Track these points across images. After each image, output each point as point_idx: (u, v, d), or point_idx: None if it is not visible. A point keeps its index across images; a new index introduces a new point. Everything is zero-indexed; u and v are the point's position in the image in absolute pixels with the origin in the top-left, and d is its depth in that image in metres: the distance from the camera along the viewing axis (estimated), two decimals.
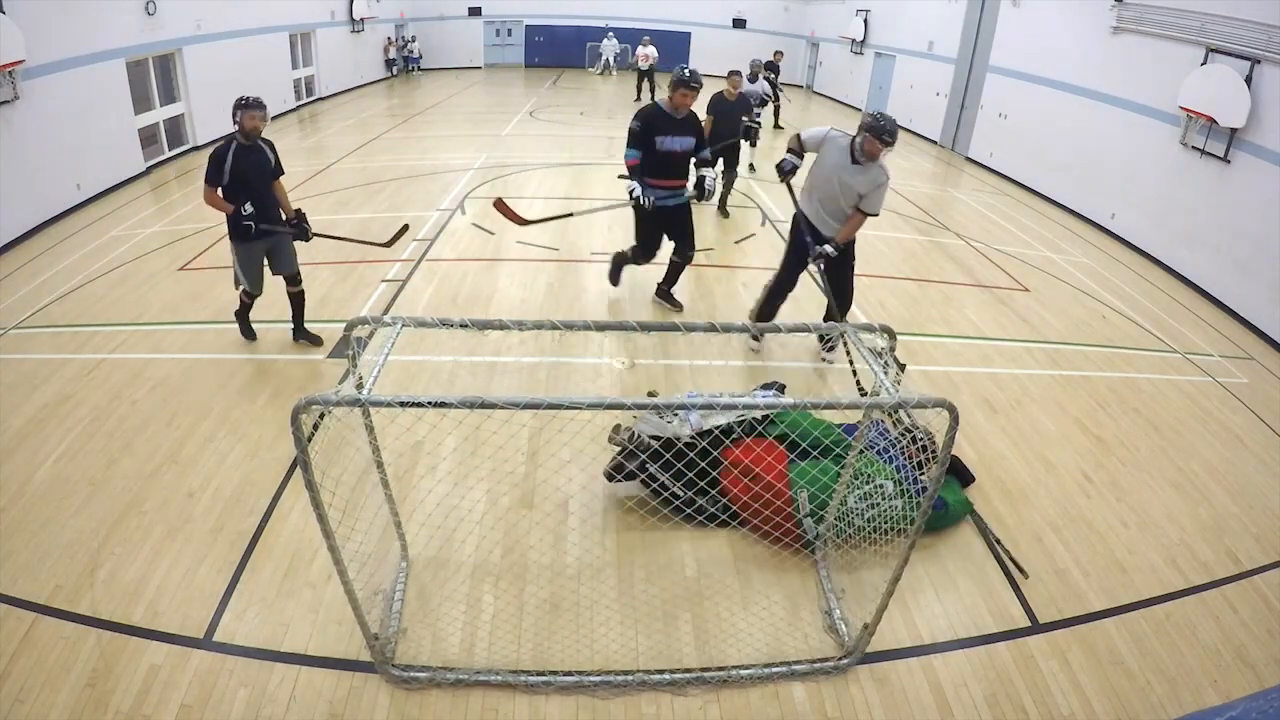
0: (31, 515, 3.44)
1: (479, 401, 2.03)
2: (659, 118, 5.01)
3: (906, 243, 8.18)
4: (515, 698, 2.67)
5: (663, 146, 5.00)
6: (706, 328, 2.54)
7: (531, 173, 10.20)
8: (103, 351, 4.94)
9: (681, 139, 5.03)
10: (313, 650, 2.81)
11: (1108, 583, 3.43)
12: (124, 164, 9.18)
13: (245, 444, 4.02)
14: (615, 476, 3.58)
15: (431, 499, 3.44)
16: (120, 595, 3.01)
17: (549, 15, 23.35)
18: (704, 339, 5.33)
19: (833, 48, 19.78)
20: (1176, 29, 8.18)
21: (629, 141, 5.05)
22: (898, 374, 2.42)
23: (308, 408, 2.04)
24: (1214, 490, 4.23)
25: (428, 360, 4.94)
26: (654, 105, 5.13)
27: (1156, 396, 5.24)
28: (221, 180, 4.48)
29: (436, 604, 3.03)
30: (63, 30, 7.87)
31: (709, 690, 2.75)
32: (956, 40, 13.75)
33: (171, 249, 6.90)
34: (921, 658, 2.96)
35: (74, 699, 2.57)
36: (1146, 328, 6.50)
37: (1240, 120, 7.12)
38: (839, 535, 3.29)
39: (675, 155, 5.07)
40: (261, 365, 4.82)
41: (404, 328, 2.42)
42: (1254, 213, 7.01)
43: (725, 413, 3.77)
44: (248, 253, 4.71)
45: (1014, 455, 4.35)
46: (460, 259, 6.87)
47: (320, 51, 15.80)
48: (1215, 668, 3.01)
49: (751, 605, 3.12)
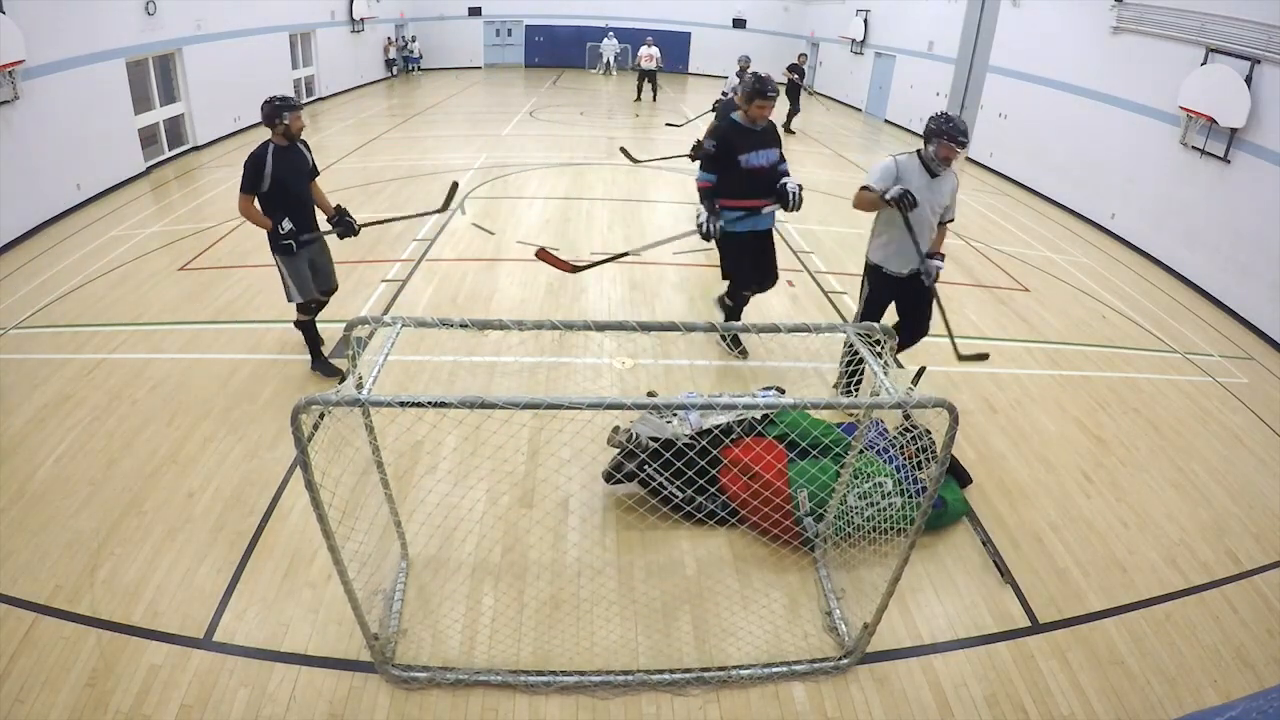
0: (31, 515, 3.44)
1: (479, 401, 2.04)
2: (738, 133, 4.56)
3: None
4: (515, 698, 2.67)
5: (748, 164, 4.53)
6: (706, 328, 2.54)
7: (531, 173, 10.20)
8: (103, 351, 4.94)
9: (766, 152, 4.58)
10: (313, 650, 2.81)
11: (1108, 583, 3.43)
12: (124, 164, 9.18)
13: (245, 444, 4.02)
14: (615, 476, 3.58)
15: (431, 499, 3.44)
16: (120, 595, 3.01)
17: (549, 15, 23.37)
18: (704, 339, 5.34)
19: (833, 48, 19.79)
20: (1176, 29, 8.18)
21: (703, 165, 4.65)
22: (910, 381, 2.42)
23: (308, 408, 2.04)
24: (1214, 490, 4.22)
25: (428, 360, 4.94)
26: (729, 121, 4.65)
27: (1156, 396, 5.24)
28: (261, 187, 4.19)
29: (436, 604, 3.03)
30: (63, 30, 7.87)
31: (709, 690, 2.75)
32: (956, 40, 13.76)
33: (171, 249, 6.90)
34: (921, 658, 2.96)
35: (74, 699, 2.57)
36: (1146, 328, 6.50)
37: (1240, 120, 7.12)
38: (839, 534, 3.30)
39: (762, 171, 4.59)
40: (261, 365, 4.82)
41: (404, 328, 2.42)
42: (1254, 213, 7.01)
43: (725, 412, 3.78)
44: (294, 265, 4.44)
45: (1014, 455, 4.35)
46: (460, 259, 6.87)
47: (320, 51, 15.81)
48: (1215, 668, 3.01)
49: (751, 605, 3.12)
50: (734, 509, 3.52)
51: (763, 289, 5.08)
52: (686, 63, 23.76)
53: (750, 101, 4.48)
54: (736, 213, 4.61)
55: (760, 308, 6.13)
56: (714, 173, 4.58)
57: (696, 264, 6.95)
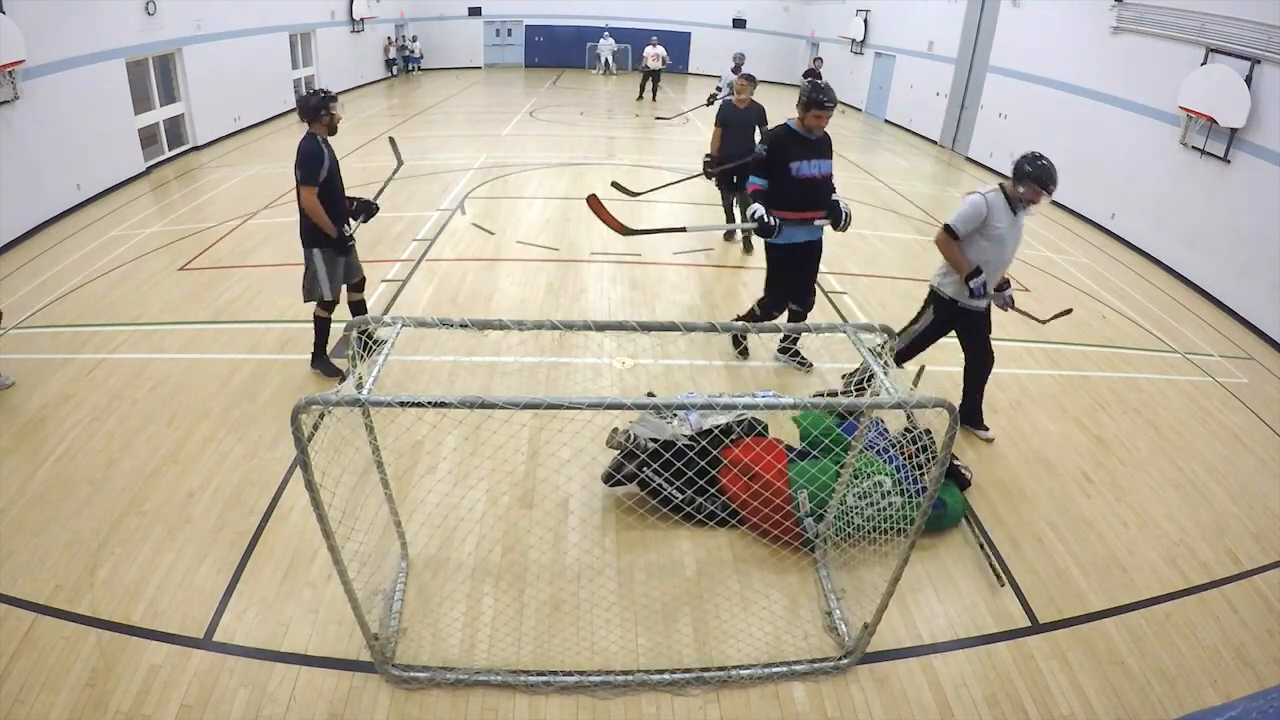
0: (31, 515, 3.44)
1: (479, 401, 2.03)
2: (791, 140, 4.43)
3: (906, 243, 8.18)
4: (515, 698, 2.67)
5: (800, 173, 4.41)
6: (706, 327, 2.54)
7: (531, 173, 10.20)
8: (103, 351, 4.94)
9: (819, 163, 4.46)
10: (313, 650, 2.81)
11: (1108, 583, 3.43)
12: (124, 164, 9.19)
13: (245, 444, 4.02)
14: (615, 476, 3.58)
15: (431, 499, 3.44)
16: (120, 595, 3.01)
17: (549, 15, 23.36)
18: (704, 339, 5.34)
19: (833, 48, 19.78)
20: (1176, 29, 8.18)
21: (754, 168, 4.53)
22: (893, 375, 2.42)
23: (308, 408, 2.04)
24: (1214, 490, 4.22)
25: (428, 360, 4.94)
26: (784, 127, 4.50)
27: (1156, 396, 5.24)
28: (321, 178, 4.15)
29: (436, 604, 3.03)
30: (63, 30, 7.87)
31: (709, 690, 2.75)
32: (956, 40, 13.76)
33: (171, 249, 6.90)
34: (921, 658, 2.96)
35: (74, 699, 2.57)
36: (1146, 328, 6.50)
37: (1240, 120, 7.12)
38: (838, 534, 3.29)
39: (815, 182, 4.48)
40: (261, 365, 4.82)
41: (404, 328, 2.42)
42: (1254, 213, 7.01)
43: (725, 413, 3.78)
44: (335, 262, 4.44)
45: (1014, 455, 4.35)
46: (460, 259, 6.87)
47: (320, 51, 15.80)
48: (1215, 668, 3.01)
49: (751, 605, 3.12)
50: (734, 509, 3.52)
51: (802, 307, 4.88)
52: (687, 63, 23.76)
53: (807, 110, 4.34)
54: (793, 224, 4.49)
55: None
56: (765, 178, 4.46)
57: (696, 264, 6.95)
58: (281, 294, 5.79)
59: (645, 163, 10.99)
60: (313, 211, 4.21)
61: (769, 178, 4.45)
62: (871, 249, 7.82)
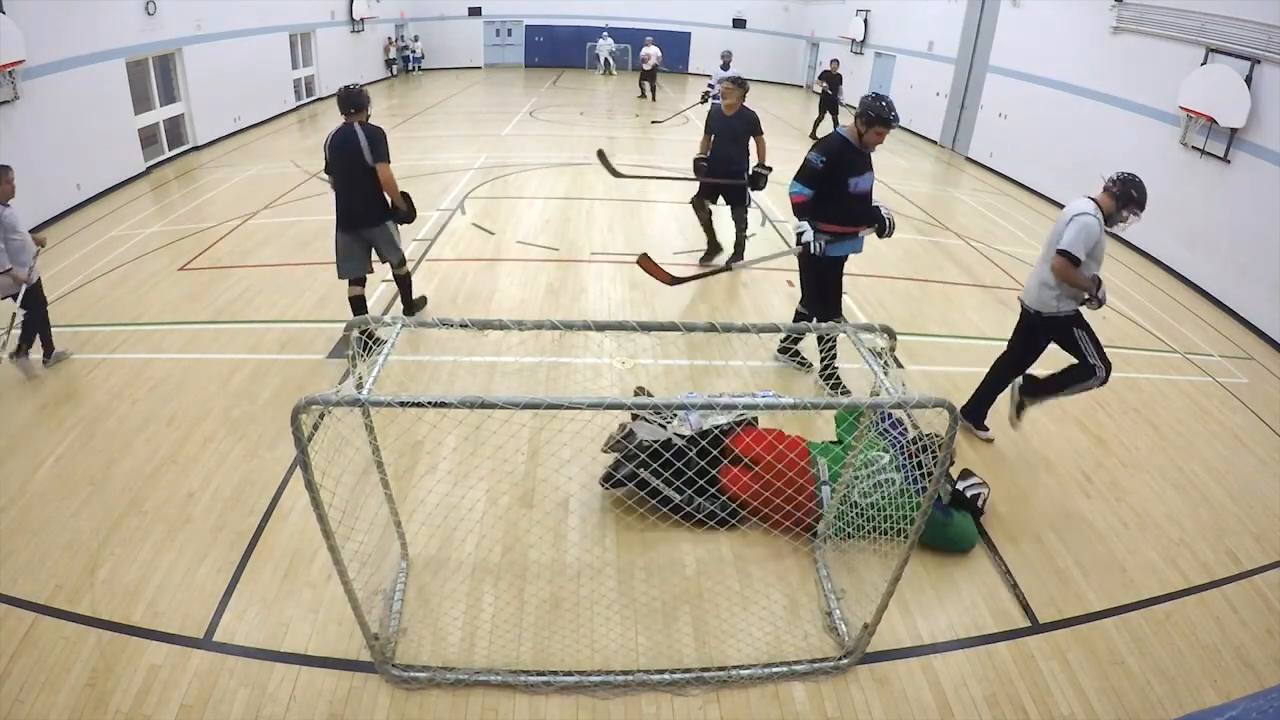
0: (31, 515, 3.44)
1: (479, 401, 2.03)
2: (851, 153, 4.25)
3: (906, 243, 8.17)
4: (515, 698, 2.67)
5: (856, 188, 4.28)
6: (706, 328, 2.54)
7: (531, 173, 10.20)
8: (103, 351, 4.94)
9: (869, 176, 4.39)
10: (313, 650, 2.81)
11: (1108, 583, 3.43)
12: (124, 164, 9.19)
13: (245, 444, 4.02)
14: (614, 476, 3.58)
15: (431, 499, 3.44)
16: (120, 595, 3.01)
17: (549, 15, 23.38)
18: (704, 339, 5.33)
19: (833, 48, 19.77)
20: (1176, 29, 8.18)
21: (804, 177, 4.26)
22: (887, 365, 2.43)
23: (308, 408, 2.04)
24: (1214, 490, 4.22)
25: (428, 360, 4.94)
26: (840, 138, 4.31)
27: (1156, 396, 5.24)
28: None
29: (436, 604, 3.03)
30: (63, 30, 7.87)
31: (709, 690, 2.75)
32: (956, 40, 13.77)
33: (171, 249, 6.90)
34: (921, 658, 2.96)
35: (74, 699, 2.57)
36: (1146, 328, 6.50)
37: (1240, 120, 7.12)
38: (840, 517, 3.29)
39: (866, 197, 4.39)
40: (261, 365, 4.82)
41: (404, 328, 2.42)
42: (1254, 213, 7.01)
43: (725, 413, 3.78)
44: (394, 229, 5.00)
45: (1014, 455, 4.35)
46: (460, 259, 6.87)
47: (320, 51, 15.81)
48: (1215, 668, 3.01)
49: (751, 605, 3.12)
50: (734, 509, 3.52)
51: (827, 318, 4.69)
52: (686, 63, 23.77)
53: (870, 126, 4.19)
54: (838, 236, 4.39)
55: (761, 308, 6.14)
56: (813, 189, 4.26)
57: (697, 265, 6.94)
58: (281, 294, 5.79)
59: (645, 162, 10.99)
60: (391, 186, 4.77)
61: (818, 189, 4.26)
62: (871, 249, 7.76)
